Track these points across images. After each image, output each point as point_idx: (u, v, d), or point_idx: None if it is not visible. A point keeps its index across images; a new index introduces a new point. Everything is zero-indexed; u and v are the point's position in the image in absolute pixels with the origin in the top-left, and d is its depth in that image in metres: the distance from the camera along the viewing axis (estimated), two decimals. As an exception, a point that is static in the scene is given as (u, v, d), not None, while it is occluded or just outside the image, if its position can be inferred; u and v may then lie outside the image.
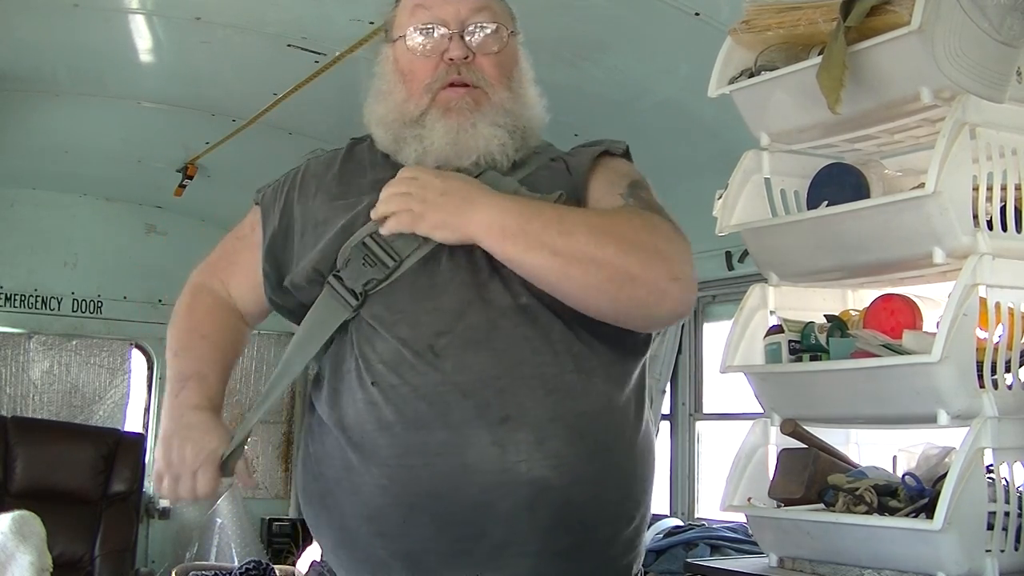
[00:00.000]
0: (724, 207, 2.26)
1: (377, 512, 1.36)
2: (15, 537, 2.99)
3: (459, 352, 1.36)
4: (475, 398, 1.35)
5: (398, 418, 1.36)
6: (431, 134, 1.48)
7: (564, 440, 1.36)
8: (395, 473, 1.35)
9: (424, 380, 1.36)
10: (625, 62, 3.23)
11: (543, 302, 1.40)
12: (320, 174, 1.58)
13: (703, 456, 4.12)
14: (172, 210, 5.48)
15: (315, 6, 3.17)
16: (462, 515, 1.34)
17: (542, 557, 1.37)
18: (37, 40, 3.53)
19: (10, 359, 5.32)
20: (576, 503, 1.37)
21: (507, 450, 1.33)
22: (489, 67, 1.52)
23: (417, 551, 1.36)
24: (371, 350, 1.40)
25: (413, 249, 1.43)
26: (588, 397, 1.39)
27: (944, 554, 1.82)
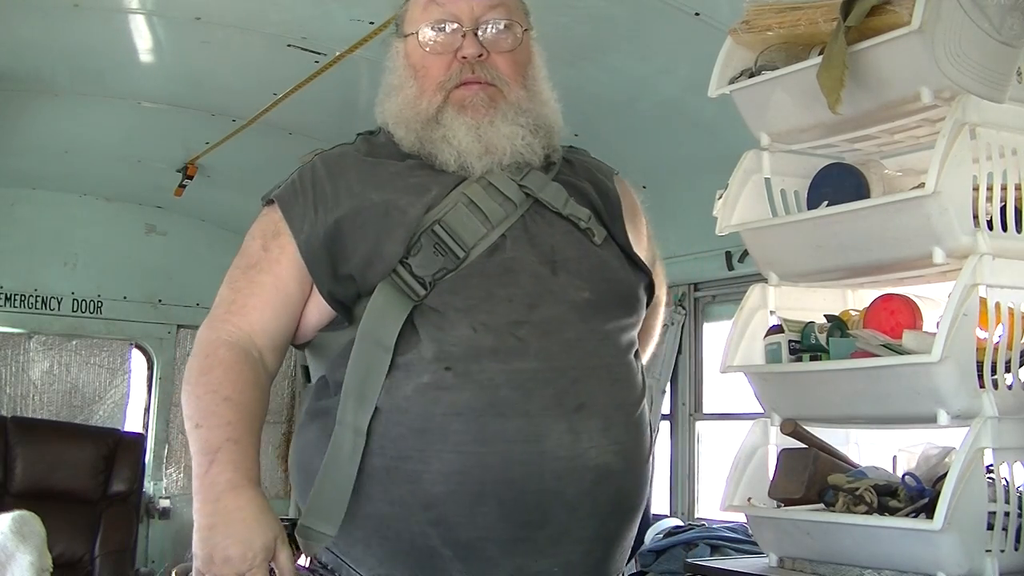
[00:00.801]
0: (724, 207, 2.26)
1: (437, 500, 1.35)
2: (15, 537, 2.99)
3: (540, 340, 1.38)
4: (555, 386, 1.37)
5: (473, 404, 1.35)
6: (455, 134, 1.48)
7: (624, 427, 1.42)
8: (464, 460, 1.34)
9: (505, 367, 1.36)
10: (625, 62, 3.23)
11: (601, 299, 1.45)
12: (352, 165, 1.52)
13: (703, 456, 4.12)
14: (172, 210, 5.48)
15: (315, 6, 3.16)
16: (531, 502, 1.34)
17: (593, 542, 1.40)
18: (37, 40, 3.53)
19: (10, 359, 5.32)
20: (628, 489, 1.43)
21: (580, 437, 1.37)
22: (504, 65, 1.52)
23: (477, 539, 1.35)
24: (443, 337, 1.38)
25: (479, 239, 1.43)
26: (636, 388, 1.48)
27: (944, 554, 1.82)
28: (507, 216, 1.46)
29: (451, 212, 1.45)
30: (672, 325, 4.11)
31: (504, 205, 1.47)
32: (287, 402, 5.93)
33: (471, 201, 1.46)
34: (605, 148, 3.89)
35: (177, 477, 5.61)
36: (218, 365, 1.41)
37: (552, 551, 1.36)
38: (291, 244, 1.47)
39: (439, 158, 1.49)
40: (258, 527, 1.29)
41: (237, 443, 1.35)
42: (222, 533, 1.28)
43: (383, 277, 1.41)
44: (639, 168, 3.85)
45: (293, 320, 1.49)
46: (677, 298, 4.12)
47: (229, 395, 1.38)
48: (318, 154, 1.56)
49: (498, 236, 1.45)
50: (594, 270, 1.47)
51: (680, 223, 3.92)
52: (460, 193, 1.47)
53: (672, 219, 3.95)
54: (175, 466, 5.62)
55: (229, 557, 1.27)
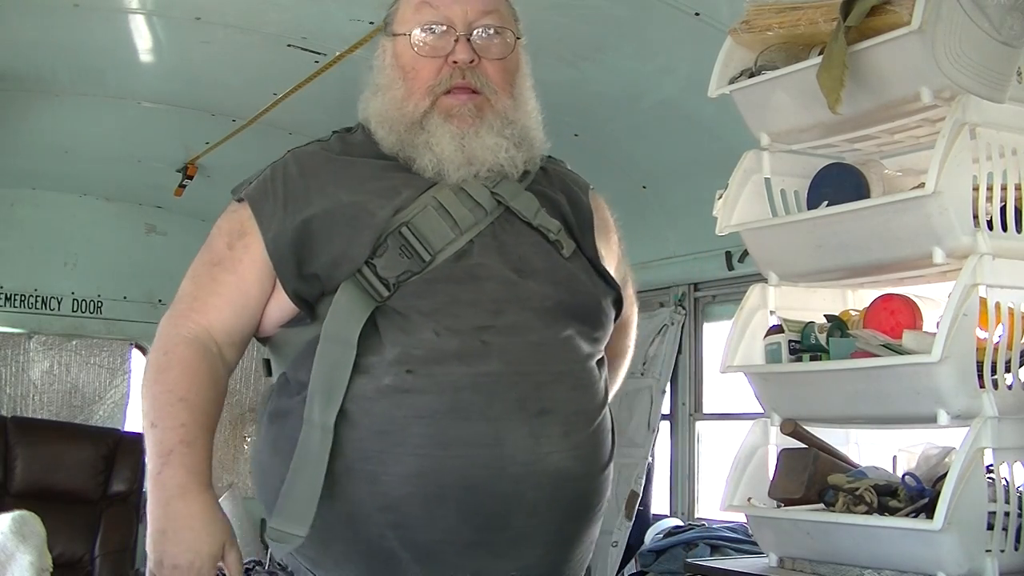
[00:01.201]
0: (724, 207, 2.26)
1: (396, 502, 1.35)
2: (15, 537, 2.99)
3: (503, 345, 1.39)
4: (518, 391, 1.37)
5: (436, 406, 1.35)
6: (439, 141, 1.47)
7: (584, 433, 1.43)
8: (424, 463, 1.34)
9: (468, 370, 1.36)
10: (625, 62, 3.23)
11: (566, 309, 1.45)
12: (325, 164, 1.52)
13: (703, 456, 4.12)
14: (172, 210, 5.48)
15: (315, 6, 3.16)
16: (490, 506, 1.35)
17: (551, 546, 1.40)
18: (37, 40, 3.53)
19: (10, 359, 5.31)
20: (586, 493, 1.44)
21: (540, 441, 1.37)
22: (494, 72, 1.50)
23: (435, 542, 1.35)
24: (407, 339, 1.38)
25: (446, 243, 1.43)
26: (597, 395, 1.48)
27: (944, 554, 1.82)
28: (476, 222, 1.46)
29: (420, 215, 1.44)
30: (672, 325, 4.11)
31: (474, 211, 1.47)
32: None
33: (441, 205, 1.46)
34: (605, 148, 3.93)
35: (177, 477, 5.61)
36: (176, 364, 1.42)
37: (511, 554, 1.37)
38: (257, 243, 1.47)
39: (417, 162, 1.49)
40: (206, 534, 1.32)
41: (190, 446, 1.37)
42: (171, 540, 1.31)
43: (348, 277, 1.41)
44: (639, 168, 3.86)
45: (253, 319, 1.49)
46: (677, 298, 4.12)
47: (184, 396, 1.39)
48: (291, 151, 1.55)
49: (466, 242, 1.44)
50: (561, 282, 1.47)
51: (680, 223, 3.92)
52: (431, 197, 1.47)
53: (672, 219, 3.95)
54: (175, 466, 5.61)
55: (177, 565, 1.31)
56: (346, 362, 1.37)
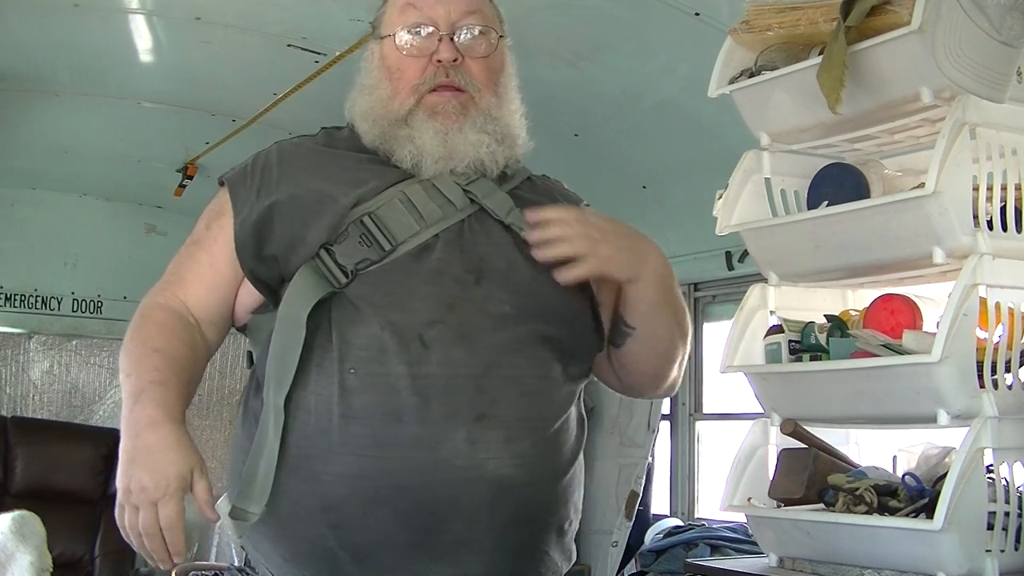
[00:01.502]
0: (724, 207, 2.26)
1: (335, 503, 1.35)
2: (15, 537, 2.99)
3: (447, 345, 1.37)
4: (456, 394, 1.35)
5: (373, 408, 1.35)
6: (421, 135, 1.48)
7: (529, 441, 1.39)
8: (361, 464, 1.34)
9: (408, 371, 1.35)
10: (625, 62, 3.23)
11: (522, 313, 1.42)
12: (304, 154, 1.54)
13: (703, 456, 4.13)
14: (172, 210, 5.48)
15: (315, 6, 3.17)
16: (426, 509, 1.34)
17: (494, 554, 1.38)
18: (37, 40, 3.53)
19: (10, 359, 5.32)
20: (531, 503, 1.40)
21: (477, 447, 1.35)
22: (478, 71, 1.52)
23: (373, 543, 1.35)
24: (353, 334, 1.38)
25: (409, 236, 1.43)
26: (552, 404, 1.44)
27: (944, 554, 1.82)
28: (444, 218, 1.46)
29: (385, 206, 1.45)
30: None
31: (444, 207, 1.47)
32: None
33: (408, 199, 1.46)
34: (605, 148, 3.93)
35: (177, 477, 5.61)
36: (151, 323, 1.47)
37: (449, 560, 1.36)
38: (230, 225, 1.50)
39: (397, 154, 1.49)
40: (173, 458, 1.32)
41: (162, 384, 1.38)
42: (139, 465, 1.31)
43: (306, 261, 1.42)
44: (639, 168, 3.86)
45: (226, 299, 1.52)
46: (677, 298, 4.11)
47: (159, 347, 1.43)
48: (277, 142, 1.58)
49: (430, 236, 1.44)
50: (521, 284, 1.44)
51: (680, 223, 3.92)
52: (398, 190, 1.47)
53: (672, 219, 3.96)
54: (175, 466, 5.61)
55: (144, 486, 1.29)
56: (295, 344, 1.38)
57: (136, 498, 1.29)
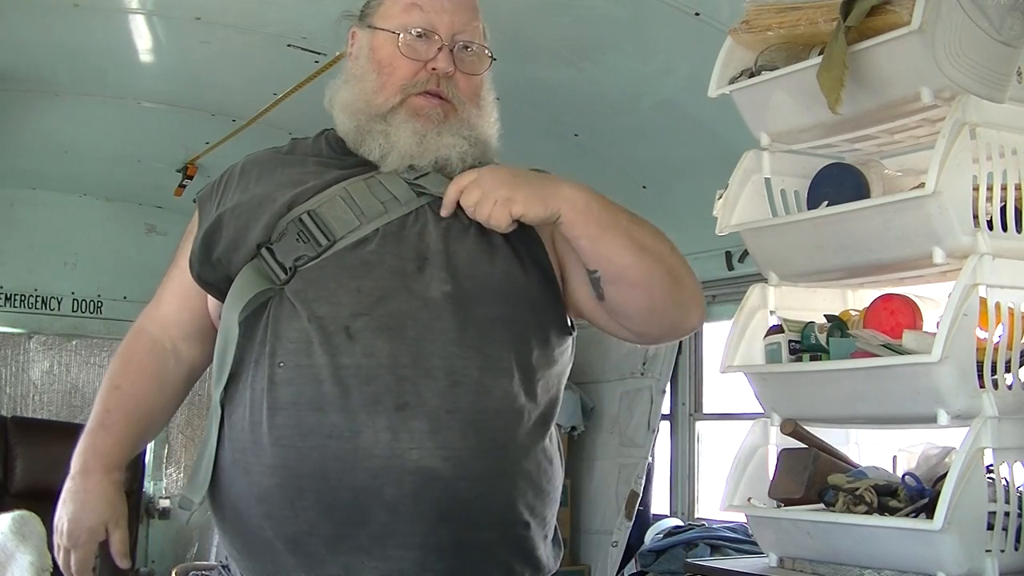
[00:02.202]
0: (724, 207, 2.26)
1: (266, 493, 1.36)
2: (15, 537, 2.99)
3: (371, 336, 1.37)
4: (376, 384, 1.35)
5: (296, 398, 1.36)
6: (397, 133, 1.49)
7: (459, 433, 1.35)
8: (285, 454, 1.35)
9: (330, 361, 1.36)
10: (625, 62, 3.23)
11: (464, 297, 1.41)
12: (262, 163, 1.58)
13: (703, 456, 4.13)
14: (172, 210, 5.48)
15: (315, 6, 3.16)
16: (348, 499, 1.34)
17: (426, 551, 1.35)
18: (37, 40, 3.53)
19: (10, 359, 5.32)
20: (462, 498, 1.36)
21: (399, 437, 1.33)
22: (465, 85, 1.53)
23: (302, 534, 1.36)
24: (285, 328, 1.40)
25: (347, 231, 1.45)
26: (490, 395, 1.39)
27: (944, 554, 1.82)
28: (385, 212, 1.47)
29: (326, 204, 1.47)
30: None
31: (387, 203, 1.48)
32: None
33: (349, 195, 1.48)
34: (605, 148, 3.92)
35: (177, 477, 5.61)
36: (121, 355, 1.59)
37: (378, 553, 1.34)
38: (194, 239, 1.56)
39: (366, 145, 1.51)
40: (90, 510, 1.47)
41: (107, 429, 1.51)
42: (63, 510, 1.47)
43: (248, 261, 1.46)
44: (639, 168, 3.86)
45: (198, 311, 1.57)
46: (677, 298, 4.11)
47: (119, 384, 1.55)
48: (246, 156, 1.62)
49: (370, 231, 1.45)
50: (465, 264, 1.43)
51: (680, 223, 3.92)
52: (340, 188, 1.49)
53: (672, 219, 3.95)
54: (175, 466, 5.62)
55: (63, 531, 1.47)
56: (230, 338, 1.42)
57: (59, 540, 1.48)
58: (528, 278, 1.47)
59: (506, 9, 2.89)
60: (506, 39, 1.62)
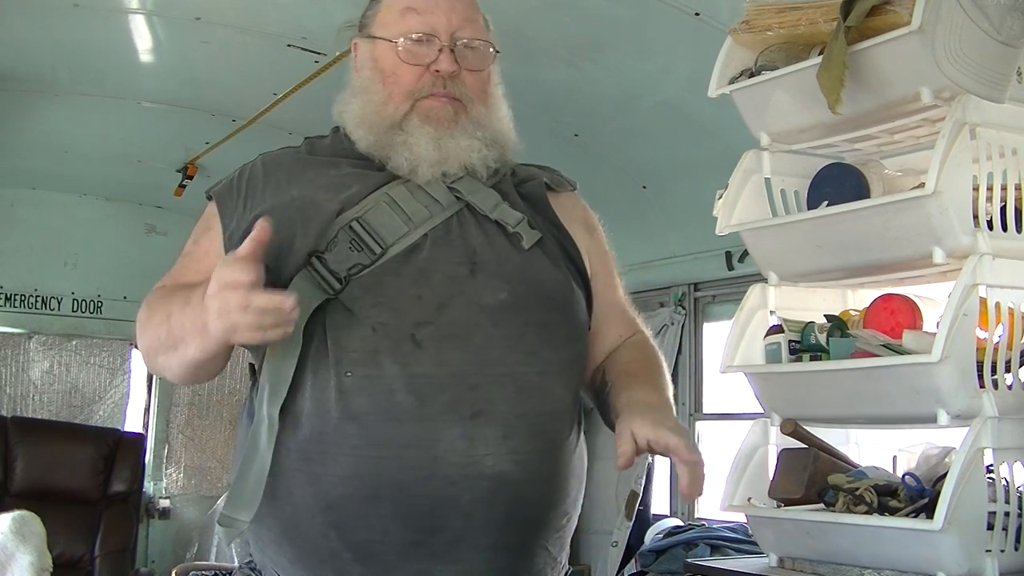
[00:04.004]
0: (724, 207, 2.26)
1: (336, 503, 1.36)
2: (15, 537, 2.99)
3: (439, 345, 1.37)
4: (450, 392, 1.36)
5: (370, 408, 1.35)
6: (416, 141, 1.49)
7: (526, 437, 1.39)
8: (360, 464, 1.35)
9: (401, 371, 1.36)
10: (625, 62, 3.23)
11: (519, 300, 1.43)
12: (287, 163, 1.55)
13: (703, 456, 4.12)
14: (172, 210, 5.48)
15: (315, 6, 3.16)
16: (425, 507, 1.34)
17: (494, 551, 1.38)
18: (37, 40, 3.53)
19: (10, 359, 5.32)
20: (529, 499, 1.40)
21: (475, 444, 1.35)
22: (472, 82, 1.53)
23: (373, 542, 1.36)
24: (346, 338, 1.39)
25: (399, 237, 1.44)
26: (549, 398, 1.43)
27: (944, 554, 1.82)
28: (431, 217, 1.47)
29: (372, 210, 1.46)
30: (672, 325, 4.11)
31: (430, 207, 1.48)
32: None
33: (393, 201, 1.47)
34: (605, 148, 3.93)
35: (177, 477, 5.62)
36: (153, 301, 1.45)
37: (450, 557, 1.36)
38: (219, 238, 1.52)
39: (393, 161, 1.50)
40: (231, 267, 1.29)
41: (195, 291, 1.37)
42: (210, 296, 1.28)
43: (297, 270, 1.43)
44: (639, 168, 3.86)
45: None
46: (677, 298, 4.12)
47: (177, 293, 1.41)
48: (261, 154, 1.60)
49: (419, 236, 1.45)
50: (515, 271, 1.46)
51: (680, 223, 3.92)
52: (383, 193, 1.48)
53: (672, 219, 3.96)
54: (175, 466, 5.62)
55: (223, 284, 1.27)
56: (290, 354, 1.39)
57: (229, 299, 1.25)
58: (570, 283, 1.51)
59: (506, 9, 2.88)
60: (506, 39, 1.62)
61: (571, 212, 1.62)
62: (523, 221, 1.50)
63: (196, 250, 1.54)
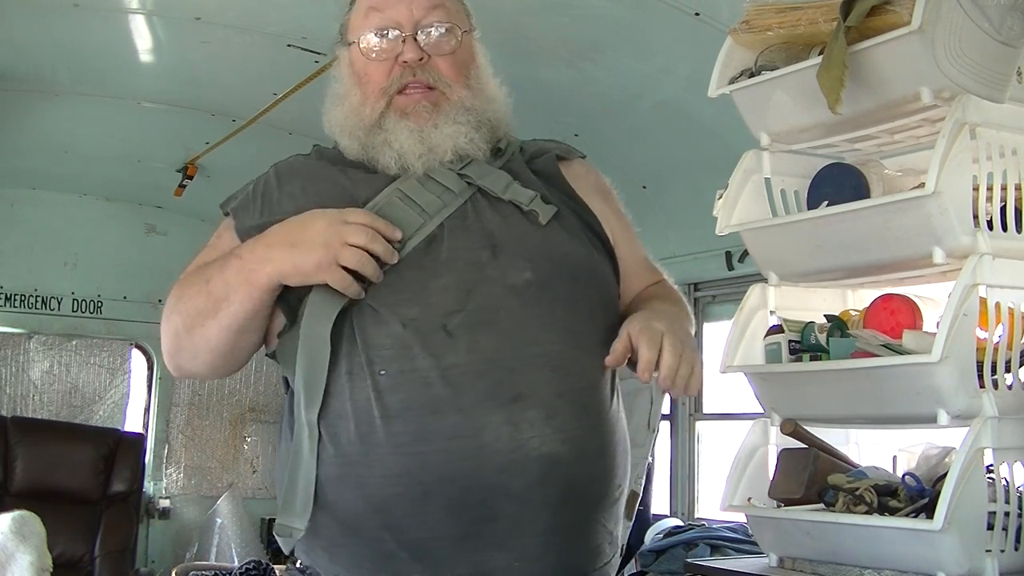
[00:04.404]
0: (724, 207, 2.26)
1: (385, 504, 1.35)
2: (15, 537, 2.99)
3: (471, 332, 1.37)
4: (488, 379, 1.35)
5: (409, 404, 1.35)
6: (397, 138, 1.49)
7: (570, 415, 1.39)
8: (406, 461, 1.34)
9: (435, 363, 1.35)
10: (625, 62, 3.23)
11: (545, 278, 1.42)
12: (299, 171, 1.56)
13: (703, 456, 4.12)
14: (172, 210, 5.48)
15: (315, 6, 3.16)
16: (477, 497, 1.34)
17: (551, 534, 1.38)
18: (37, 40, 3.53)
19: (10, 359, 5.32)
20: (580, 478, 1.39)
21: (520, 428, 1.35)
22: (445, 67, 1.52)
23: (428, 539, 1.35)
24: (375, 335, 1.38)
25: (415, 230, 1.44)
26: (587, 373, 1.43)
27: (944, 554, 1.82)
28: (445, 206, 1.47)
29: (385, 206, 1.46)
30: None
31: (443, 196, 1.48)
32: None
33: (405, 195, 1.47)
34: (605, 148, 3.93)
35: (177, 477, 5.61)
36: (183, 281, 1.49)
37: (508, 545, 1.35)
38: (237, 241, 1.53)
39: (380, 162, 1.51)
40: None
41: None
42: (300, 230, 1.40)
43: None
44: (639, 168, 3.86)
45: None
46: (677, 298, 4.11)
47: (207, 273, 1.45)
48: (273, 165, 1.60)
49: (435, 226, 1.45)
50: (536, 248, 1.45)
51: (680, 223, 3.92)
52: (395, 189, 1.48)
53: (672, 219, 3.96)
54: (175, 466, 5.62)
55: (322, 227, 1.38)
56: (321, 358, 1.39)
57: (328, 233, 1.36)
58: (593, 254, 1.50)
59: (506, 9, 2.89)
60: (506, 39, 1.62)
61: (584, 180, 1.61)
62: (536, 198, 1.49)
63: (219, 243, 1.55)
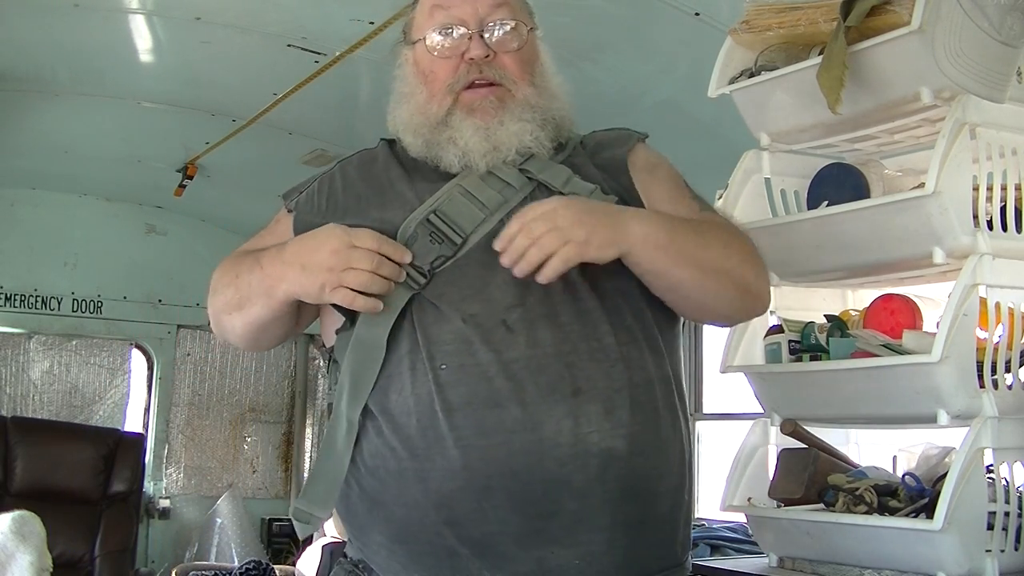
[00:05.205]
0: (724, 207, 2.26)
1: (447, 499, 1.34)
2: (15, 537, 2.99)
3: (530, 326, 1.37)
4: (548, 372, 1.35)
5: (471, 398, 1.34)
6: (462, 135, 1.49)
7: (628, 409, 1.38)
8: (469, 455, 1.33)
9: (496, 357, 1.35)
10: (625, 62, 3.23)
11: (596, 278, 1.42)
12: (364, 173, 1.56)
13: (703, 456, 4.12)
14: (172, 210, 5.48)
15: (315, 6, 3.16)
16: (538, 492, 1.33)
17: (613, 530, 1.37)
18: (37, 40, 3.53)
19: (10, 359, 5.32)
20: (639, 473, 1.39)
21: (580, 422, 1.34)
22: (511, 64, 1.53)
23: (490, 534, 1.34)
24: (437, 332, 1.38)
25: (476, 225, 1.44)
26: (643, 368, 1.42)
27: (944, 554, 1.82)
28: (506, 201, 1.47)
29: (447, 201, 1.46)
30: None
31: (503, 191, 1.48)
32: (287, 402, 5.92)
33: (466, 190, 1.47)
34: (605, 148, 3.89)
35: (177, 477, 5.62)
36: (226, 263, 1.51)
37: (569, 541, 1.35)
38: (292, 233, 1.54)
39: (444, 159, 1.51)
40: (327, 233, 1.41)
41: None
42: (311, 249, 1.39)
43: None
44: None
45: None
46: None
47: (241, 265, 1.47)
48: (339, 163, 1.61)
49: (496, 222, 1.45)
50: None
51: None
52: (455, 184, 1.48)
53: (672, 219, 3.95)
54: (175, 466, 5.62)
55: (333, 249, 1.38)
56: (374, 355, 1.40)
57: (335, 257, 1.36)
58: None
59: (506, 9, 2.89)
60: (505, 39, 1.62)
61: (638, 165, 1.60)
62: (596, 191, 1.49)
63: (274, 229, 1.57)
